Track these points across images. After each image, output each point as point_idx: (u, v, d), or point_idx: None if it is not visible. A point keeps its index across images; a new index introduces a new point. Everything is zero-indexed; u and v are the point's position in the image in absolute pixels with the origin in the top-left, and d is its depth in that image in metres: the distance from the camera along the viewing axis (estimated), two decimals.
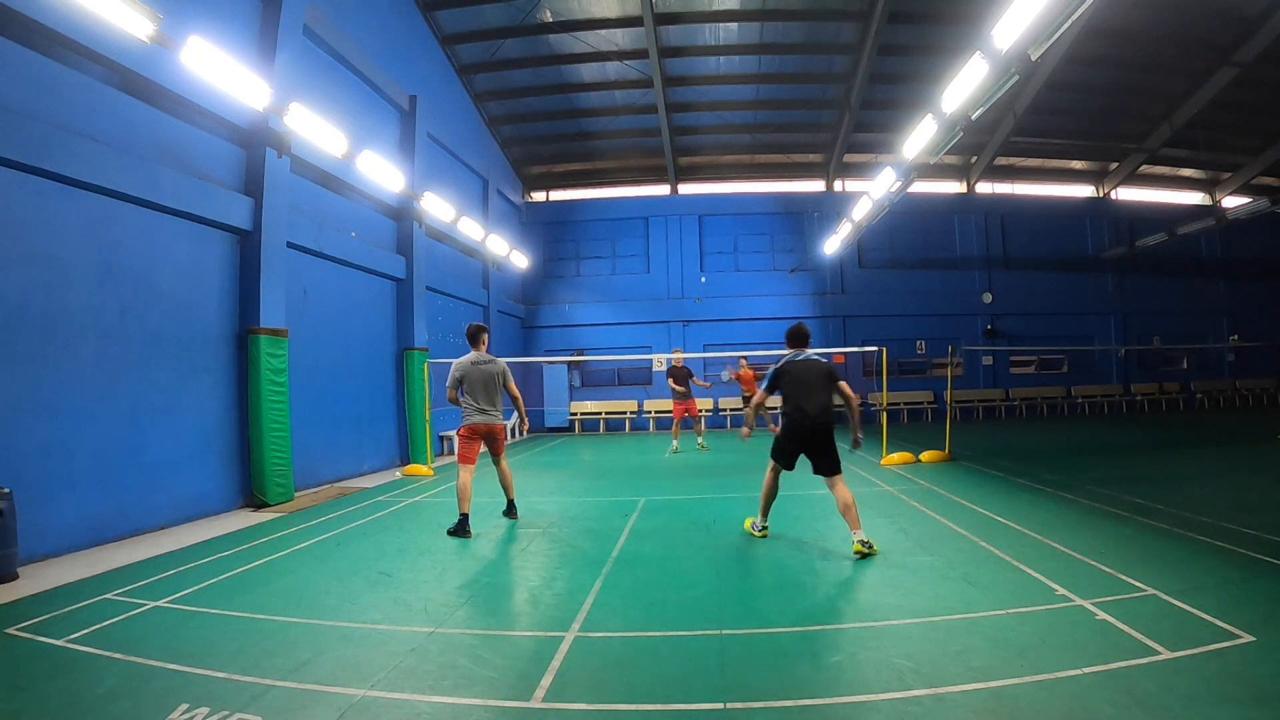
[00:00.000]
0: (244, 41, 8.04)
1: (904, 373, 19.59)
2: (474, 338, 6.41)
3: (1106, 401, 19.87)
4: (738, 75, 16.68)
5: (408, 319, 12.16)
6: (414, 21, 13.66)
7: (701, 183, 20.89)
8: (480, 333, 6.43)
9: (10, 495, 4.97)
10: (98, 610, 4.18)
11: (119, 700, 2.93)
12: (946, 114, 9.09)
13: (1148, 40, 14.70)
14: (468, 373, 6.25)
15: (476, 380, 6.25)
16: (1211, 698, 2.66)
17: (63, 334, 5.89)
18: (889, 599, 4.02)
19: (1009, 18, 6.78)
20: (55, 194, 5.84)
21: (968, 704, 2.70)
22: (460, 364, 6.30)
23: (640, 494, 8.06)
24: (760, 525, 5.71)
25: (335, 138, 8.84)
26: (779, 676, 3.03)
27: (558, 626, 3.74)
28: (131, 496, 6.48)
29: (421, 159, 12.71)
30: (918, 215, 19.62)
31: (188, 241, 7.37)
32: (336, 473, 10.06)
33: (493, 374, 6.31)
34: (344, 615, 4.01)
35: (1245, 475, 8.22)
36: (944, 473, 8.96)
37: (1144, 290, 20.50)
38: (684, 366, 13.18)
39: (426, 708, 2.81)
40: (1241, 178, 20.35)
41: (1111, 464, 9.39)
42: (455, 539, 6.07)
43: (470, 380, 6.26)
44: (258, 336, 7.93)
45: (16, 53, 5.55)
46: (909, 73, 15.99)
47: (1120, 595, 3.88)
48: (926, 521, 6.15)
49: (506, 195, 18.85)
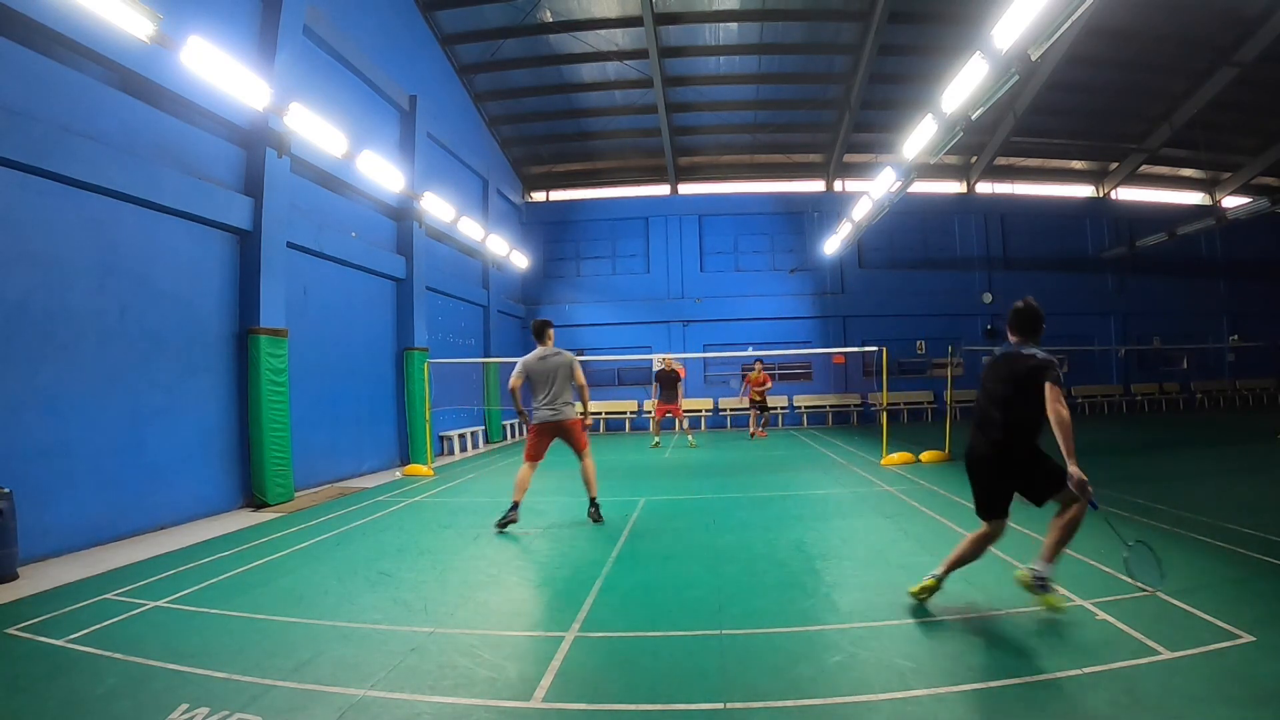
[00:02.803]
0: (244, 41, 8.04)
1: (904, 373, 19.58)
2: (539, 333, 6.37)
3: (1106, 401, 19.88)
4: (738, 75, 16.68)
5: (408, 319, 12.16)
6: (414, 21, 13.66)
7: (701, 183, 20.89)
8: (545, 328, 6.38)
9: (10, 495, 4.97)
10: (98, 610, 4.17)
11: (119, 700, 2.93)
12: (946, 114, 9.10)
13: (1148, 40, 14.69)
14: (530, 368, 6.23)
15: (537, 375, 6.21)
16: (1211, 698, 2.66)
17: (63, 334, 5.89)
18: (889, 599, 4.01)
19: (1009, 18, 6.78)
20: (55, 194, 5.84)
21: (968, 704, 2.70)
22: (524, 360, 6.31)
23: (640, 494, 8.06)
24: (929, 576, 3.85)
25: (335, 138, 8.84)
26: (779, 676, 3.03)
27: (558, 626, 3.74)
28: (131, 496, 6.48)
29: (421, 159, 12.71)
30: (918, 215, 19.63)
31: (188, 241, 7.37)
32: (336, 473, 10.06)
33: (554, 368, 6.19)
34: (344, 615, 4.01)
35: (1245, 475, 8.22)
36: (944, 473, 8.96)
37: (1144, 290, 20.51)
38: (672, 371, 13.21)
39: (426, 708, 2.81)
40: (1241, 178, 20.34)
41: (1111, 464, 9.39)
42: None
43: (532, 376, 6.24)
44: (258, 336, 7.93)
45: (16, 53, 5.55)
46: (909, 73, 15.99)
47: (1120, 595, 3.88)
48: (926, 521, 6.15)
49: (506, 195, 18.85)
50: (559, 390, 6.20)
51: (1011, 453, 3.52)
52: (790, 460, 11.19)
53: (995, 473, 3.59)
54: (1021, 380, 3.46)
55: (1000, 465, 3.57)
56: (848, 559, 4.96)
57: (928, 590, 3.77)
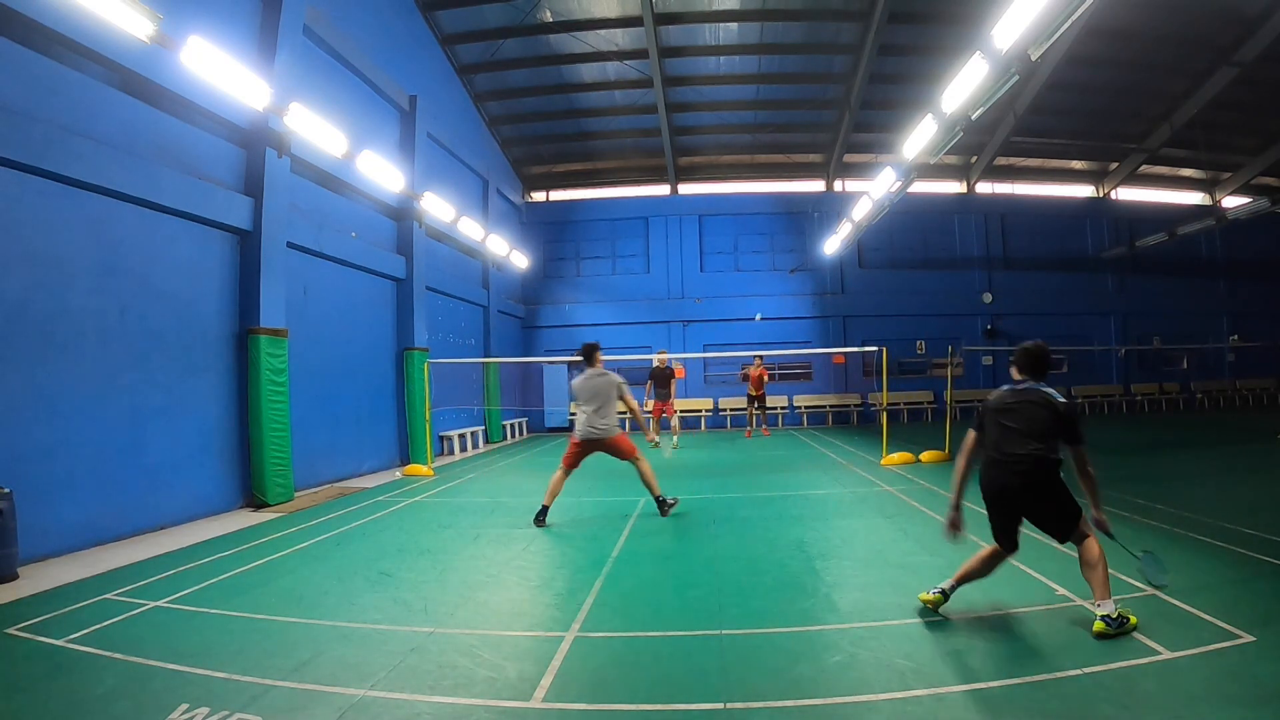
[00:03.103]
0: (244, 41, 8.04)
1: (904, 373, 19.58)
2: (588, 356, 6.77)
3: (1106, 401, 19.87)
4: (738, 75, 16.68)
5: (408, 319, 12.16)
6: (414, 21, 13.66)
7: (701, 183, 20.89)
8: (593, 351, 6.77)
9: (10, 495, 4.97)
10: (98, 610, 4.18)
11: (119, 700, 2.93)
12: (946, 114, 9.09)
13: (1148, 40, 14.70)
14: (578, 389, 6.66)
15: (581, 394, 6.61)
16: (1212, 698, 2.66)
17: (63, 334, 5.89)
18: (889, 599, 4.02)
19: (1009, 18, 6.78)
20: (56, 194, 5.84)
21: (968, 704, 2.70)
22: (574, 382, 6.77)
23: (640, 494, 8.04)
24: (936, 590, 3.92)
25: (335, 138, 8.84)
26: (779, 676, 3.03)
27: (558, 626, 3.74)
28: (131, 496, 6.49)
29: (421, 159, 12.71)
30: (918, 215, 19.61)
31: (188, 241, 7.37)
32: (336, 473, 10.06)
33: (596, 388, 6.54)
34: (344, 615, 4.01)
35: (1245, 475, 8.22)
36: (944, 473, 8.96)
37: (1144, 290, 20.50)
38: (667, 368, 13.20)
39: (426, 708, 2.81)
40: (1241, 178, 20.34)
41: (1111, 464, 9.38)
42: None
43: (577, 395, 6.67)
44: (258, 336, 7.93)
45: (16, 53, 5.55)
46: (909, 73, 15.99)
47: (1120, 595, 3.87)
48: (926, 521, 6.15)
49: (506, 195, 18.85)
50: (604, 409, 6.55)
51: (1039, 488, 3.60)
52: (790, 460, 11.18)
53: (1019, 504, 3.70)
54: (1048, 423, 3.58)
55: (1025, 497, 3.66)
56: (848, 559, 4.96)
57: (934, 603, 3.81)
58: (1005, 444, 3.64)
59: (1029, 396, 3.67)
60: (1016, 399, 3.71)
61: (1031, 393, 3.68)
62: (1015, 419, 3.64)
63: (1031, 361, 3.80)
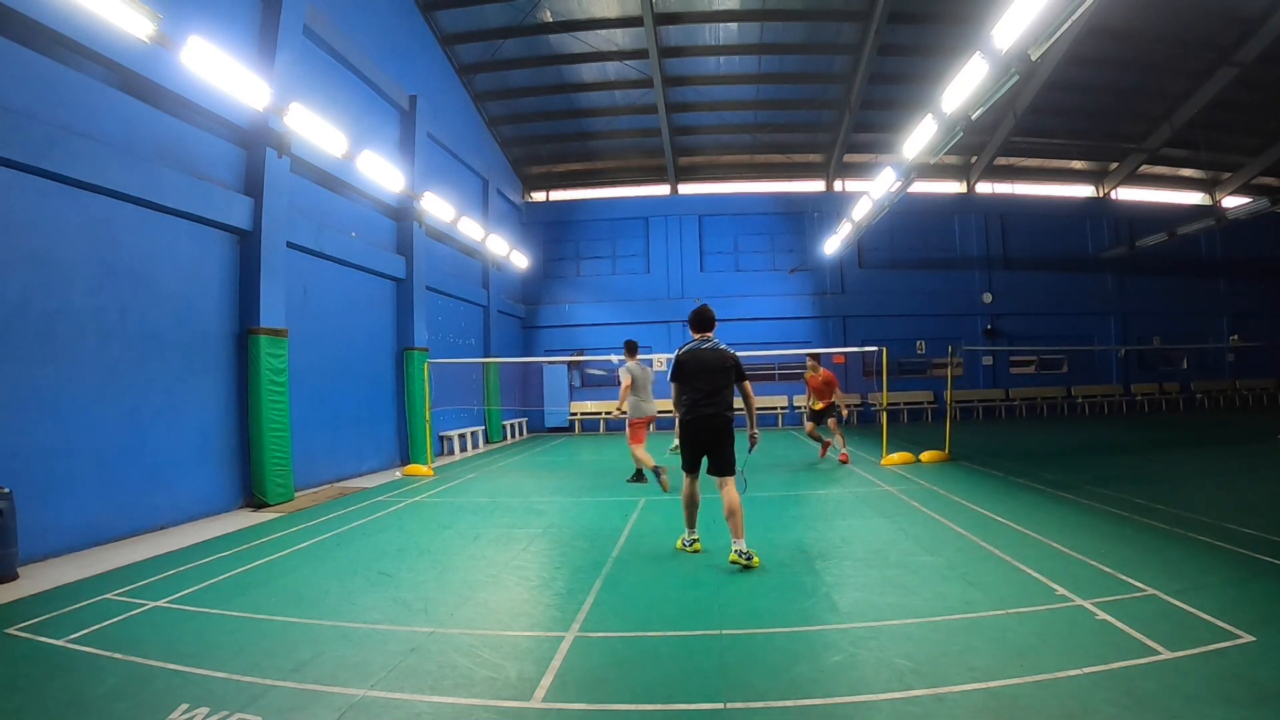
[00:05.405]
0: (244, 41, 8.04)
1: (904, 373, 19.58)
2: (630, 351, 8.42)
3: (1106, 401, 19.87)
4: (738, 75, 16.68)
5: (408, 319, 12.16)
6: (414, 21, 13.66)
7: (701, 183, 20.89)
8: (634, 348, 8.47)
9: (10, 495, 4.97)
10: (98, 610, 4.18)
11: (119, 700, 2.93)
12: (946, 114, 9.09)
13: (1148, 40, 14.70)
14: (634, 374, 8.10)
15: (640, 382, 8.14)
16: (1211, 698, 2.66)
17: (63, 334, 5.88)
18: (889, 599, 4.02)
19: (1009, 18, 6.78)
20: (55, 194, 5.84)
21: (968, 704, 2.70)
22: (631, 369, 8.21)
23: (640, 494, 8.06)
24: (689, 539, 5.33)
25: (335, 138, 8.84)
26: (779, 676, 3.03)
27: (558, 626, 3.74)
28: (131, 496, 6.48)
29: (421, 159, 12.71)
30: (918, 215, 19.61)
31: (188, 241, 7.37)
32: (336, 473, 10.06)
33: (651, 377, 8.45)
34: (344, 615, 4.01)
35: (1245, 475, 8.22)
36: (944, 473, 8.96)
37: (1144, 290, 20.50)
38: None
39: (426, 708, 2.81)
40: (1241, 178, 20.34)
41: (1111, 464, 9.39)
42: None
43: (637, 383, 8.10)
44: (258, 336, 7.92)
45: (16, 53, 5.55)
46: (909, 73, 15.99)
47: (1120, 595, 3.88)
48: (926, 521, 6.15)
49: (506, 195, 18.86)
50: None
51: (727, 424, 4.96)
52: (790, 460, 11.18)
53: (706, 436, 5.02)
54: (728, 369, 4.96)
55: (714, 432, 4.94)
56: (848, 559, 4.96)
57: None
58: (702, 394, 4.96)
59: (714, 352, 5.01)
60: (706, 354, 5.01)
61: (715, 349, 5.01)
62: (708, 372, 4.98)
63: (701, 321, 5.09)
